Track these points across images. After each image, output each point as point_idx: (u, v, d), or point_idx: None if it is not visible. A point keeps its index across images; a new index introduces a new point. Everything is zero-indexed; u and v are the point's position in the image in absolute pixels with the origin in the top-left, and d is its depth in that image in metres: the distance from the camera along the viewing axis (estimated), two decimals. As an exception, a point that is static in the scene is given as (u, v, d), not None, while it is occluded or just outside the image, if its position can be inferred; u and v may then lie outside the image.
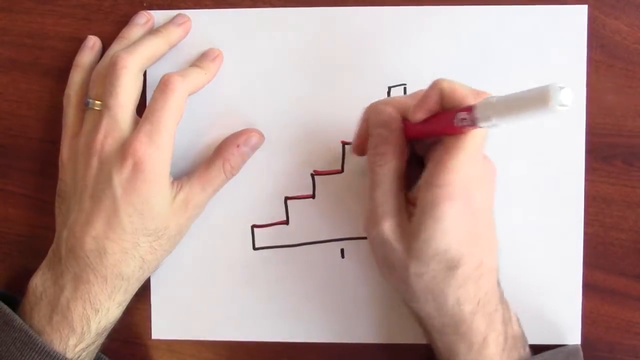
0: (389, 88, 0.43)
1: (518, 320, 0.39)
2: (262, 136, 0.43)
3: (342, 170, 0.43)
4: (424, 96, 0.34)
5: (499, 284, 0.37)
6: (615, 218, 0.43)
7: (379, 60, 0.43)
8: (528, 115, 0.28)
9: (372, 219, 0.36)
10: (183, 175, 0.42)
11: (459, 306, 0.35)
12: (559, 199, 0.43)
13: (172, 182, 0.41)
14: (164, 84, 0.39)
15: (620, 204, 0.43)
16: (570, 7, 0.42)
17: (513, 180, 0.43)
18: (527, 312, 0.43)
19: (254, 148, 0.43)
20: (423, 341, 0.43)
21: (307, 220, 0.44)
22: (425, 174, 0.34)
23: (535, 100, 0.27)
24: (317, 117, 0.43)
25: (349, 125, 0.43)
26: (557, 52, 0.42)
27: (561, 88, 0.26)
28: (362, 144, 0.38)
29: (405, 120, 0.36)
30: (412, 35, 0.43)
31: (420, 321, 0.38)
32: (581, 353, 0.42)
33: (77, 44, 0.44)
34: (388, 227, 0.35)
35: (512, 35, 0.42)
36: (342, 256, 0.44)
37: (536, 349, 0.43)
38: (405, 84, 0.43)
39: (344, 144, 0.43)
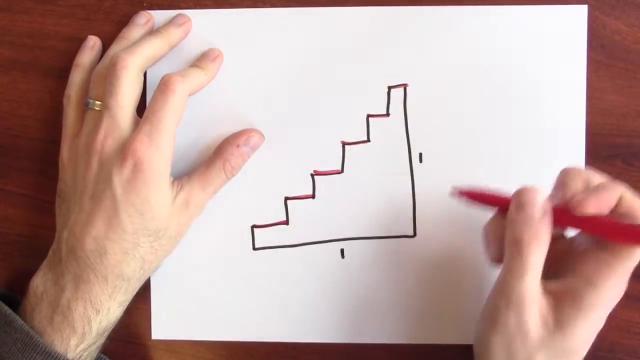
0: (389, 88, 0.43)
1: None
2: (262, 136, 0.43)
3: (342, 170, 0.43)
4: (602, 194, 0.34)
5: None
6: (615, 218, 0.43)
7: (379, 60, 0.43)
8: None
9: (515, 303, 0.34)
10: (183, 176, 0.42)
11: None
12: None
13: (173, 182, 0.41)
14: (164, 84, 0.39)
15: (620, 204, 0.43)
16: (570, 7, 0.42)
17: (513, 180, 0.43)
18: (527, 312, 0.43)
19: (254, 148, 0.43)
20: (422, 341, 0.43)
21: (307, 220, 0.44)
22: (584, 274, 0.35)
23: None
24: (317, 117, 0.43)
25: (349, 125, 0.43)
26: (557, 52, 0.42)
27: None
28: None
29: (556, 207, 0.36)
30: (412, 35, 0.43)
31: None
32: None
33: (77, 44, 0.44)
34: (533, 314, 0.34)
35: (512, 35, 0.42)
36: (342, 256, 0.44)
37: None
38: (405, 84, 0.43)
39: (344, 144, 0.43)
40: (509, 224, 0.36)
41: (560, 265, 0.37)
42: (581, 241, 0.37)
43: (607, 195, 0.34)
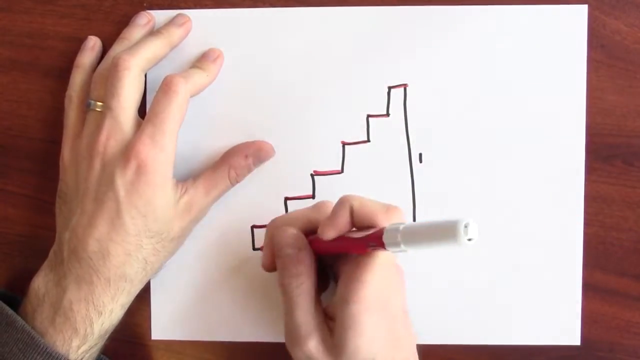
0: (389, 88, 0.43)
1: None
2: (272, 150, 0.43)
3: (342, 170, 0.43)
4: (334, 214, 0.35)
5: None
6: (615, 218, 0.43)
7: (379, 60, 0.43)
8: (435, 246, 0.29)
9: (295, 340, 0.35)
10: (188, 178, 0.42)
11: None
12: (559, 199, 0.43)
13: (177, 185, 0.41)
14: (167, 85, 0.39)
15: (620, 204, 0.43)
16: (570, 7, 0.42)
17: (513, 180, 0.43)
18: (527, 312, 0.43)
19: (262, 161, 0.43)
20: (422, 341, 0.43)
21: (307, 220, 0.44)
22: (340, 290, 0.35)
23: (443, 233, 0.28)
24: (317, 117, 0.43)
25: (349, 125, 0.43)
26: (557, 52, 0.42)
27: (467, 225, 0.27)
28: (271, 261, 0.38)
29: (310, 236, 0.37)
30: (412, 35, 0.43)
31: None
32: None
33: (77, 44, 0.43)
34: (313, 345, 0.35)
35: (512, 35, 0.42)
36: (342, 256, 0.44)
37: (536, 349, 0.43)
38: (405, 84, 0.43)
39: (344, 144, 0.43)
40: (276, 264, 0.37)
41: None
42: (344, 261, 0.37)
43: (338, 214, 0.34)
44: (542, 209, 0.43)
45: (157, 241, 0.40)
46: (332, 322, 0.36)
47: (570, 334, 0.43)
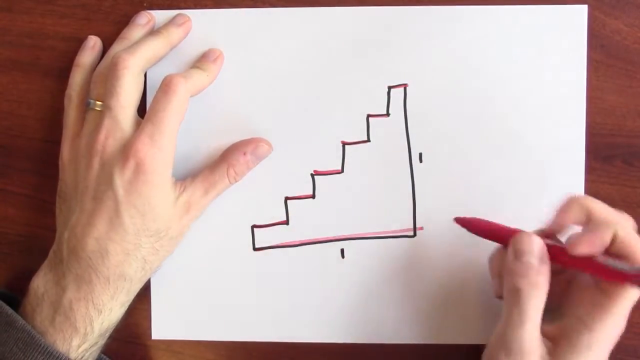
0: (389, 88, 0.43)
1: None
2: (270, 147, 0.43)
3: (342, 170, 0.43)
4: (595, 232, 0.34)
5: None
6: (615, 218, 0.43)
7: (379, 60, 0.43)
8: None
9: (514, 353, 0.34)
10: (187, 177, 0.42)
11: None
12: (559, 199, 0.42)
13: (175, 184, 0.41)
14: (167, 85, 0.39)
15: (620, 204, 0.43)
16: (570, 7, 0.42)
17: (513, 180, 0.43)
18: (527, 312, 0.43)
19: (261, 158, 0.43)
20: (423, 341, 0.43)
21: (307, 220, 0.44)
22: (579, 316, 0.35)
23: None
24: (317, 117, 0.43)
25: (349, 125, 0.43)
26: (557, 52, 0.42)
27: None
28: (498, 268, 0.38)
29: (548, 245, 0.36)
30: (412, 35, 0.43)
31: None
32: None
33: (77, 44, 0.44)
34: None
35: (512, 35, 0.42)
36: (342, 256, 0.44)
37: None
38: (405, 84, 0.43)
39: (344, 144, 0.43)
40: (506, 272, 0.36)
41: (560, 302, 0.37)
42: (580, 279, 0.37)
43: (600, 235, 0.34)
44: (542, 209, 0.43)
45: (156, 240, 0.40)
46: (548, 342, 0.35)
47: (570, 334, 0.43)
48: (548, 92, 0.43)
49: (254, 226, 0.44)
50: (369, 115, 0.43)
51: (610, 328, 0.34)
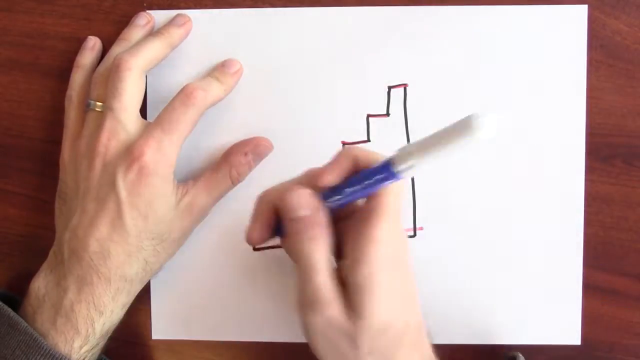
0: (389, 88, 0.43)
1: None
2: (270, 145, 0.43)
3: (342, 170, 0.43)
4: (335, 160, 0.34)
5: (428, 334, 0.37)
6: (615, 218, 0.43)
7: (379, 60, 0.43)
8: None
9: (313, 305, 0.33)
10: (189, 179, 0.42)
11: None
12: (559, 199, 0.43)
13: (177, 186, 0.40)
14: (187, 95, 0.39)
15: (620, 204, 0.43)
16: (570, 7, 0.42)
17: (513, 180, 0.43)
18: (527, 312, 0.43)
19: (262, 157, 0.43)
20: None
21: (307, 220, 0.44)
22: (350, 250, 0.34)
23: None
24: (317, 117, 0.43)
25: (349, 125, 0.43)
26: (557, 52, 0.42)
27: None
28: (265, 233, 0.36)
29: None
30: (412, 35, 0.43)
31: None
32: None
33: (77, 44, 0.43)
34: (336, 311, 0.33)
35: (512, 35, 0.42)
36: (342, 256, 0.44)
37: (536, 349, 0.43)
38: (405, 84, 0.43)
39: (344, 144, 0.43)
40: (285, 230, 0.35)
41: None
42: (350, 218, 0.35)
43: (341, 160, 0.34)
44: (542, 209, 0.43)
45: (158, 242, 0.40)
46: (343, 286, 0.34)
47: (570, 334, 0.43)
48: (548, 92, 0.43)
49: (254, 226, 0.44)
50: (369, 115, 0.43)
51: (377, 251, 0.32)
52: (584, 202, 0.43)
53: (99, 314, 0.39)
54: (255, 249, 0.44)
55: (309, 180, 0.35)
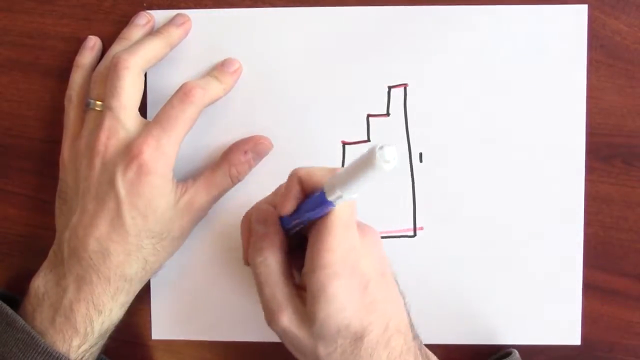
0: (389, 88, 0.43)
1: None
2: (270, 143, 0.43)
3: (342, 170, 0.43)
4: (287, 187, 0.35)
5: (415, 337, 0.37)
6: (615, 218, 0.43)
7: (379, 60, 0.43)
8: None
9: (269, 315, 0.36)
10: (188, 178, 0.41)
11: None
12: (559, 199, 0.43)
13: (177, 185, 0.40)
14: (185, 93, 0.39)
15: (620, 204, 0.43)
16: (570, 7, 0.42)
17: (513, 180, 0.43)
18: (527, 312, 0.43)
19: (262, 155, 0.43)
20: (422, 341, 0.43)
21: (307, 220, 0.44)
22: (307, 259, 0.34)
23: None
24: (317, 117, 0.43)
25: (349, 125, 0.43)
26: (557, 52, 0.42)
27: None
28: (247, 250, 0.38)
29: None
30: (412, 35, 0.43)
31: None
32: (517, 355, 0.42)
33: (77, 44, 0.43)
34: (286, 319, 0.35)
35: (512, 35, 0.42)
36: (342, 256, 0.44)
37: (536, 349, 0.43)
38: (405, 84, 0.43)
39: (344, 144, 0.43)
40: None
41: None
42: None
43: (290, 187, 0.34)
44: (542, 209, 0.43)
45: (158, 241, 0.40)
46: (305, 293, 0.35)
47: (570, 334, 0.43)
48: (548, 92, 0.43)
49: (254, 226, 0.44)
50: (369, 115, 0.43)
51: (332, 262, 0.33)
52: (584, 202, 0.43)
53: (98, 313, 0.39)
54: (255, 249, 0.44)
55: (276, 197, 0.37)
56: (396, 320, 0.36)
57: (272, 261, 0.35)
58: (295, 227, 0.36)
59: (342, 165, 0.43)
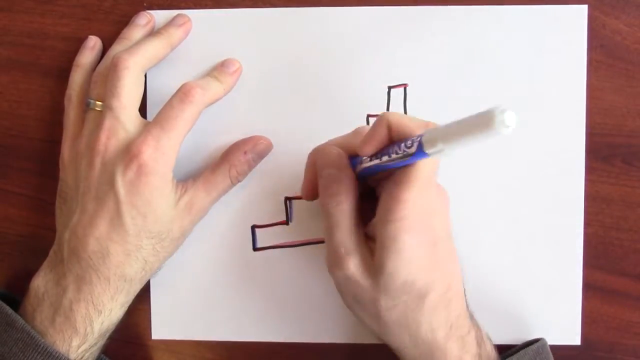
0: (389, 88, 0.43)
1: (490, 339, 0.39)
2: (270, 144, 0.43)
3: (342, 170, 0.43)
4: (372, 130, 0.34)
5: (468, 306, 0.37)
6: (615, 218, 0.43)
7: (379, 60, 0.43)
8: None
9: (335, 260, 0.35)
10: (188, 178, 0.42)
11: (432, 333, 0.35)
12: (559, 199, 0.43)
13: (177, 185, 0.40)
14: (184, 93, 0.39)
15: (620, 204, 0.43)
16: (570, 7, 0.42)
17: (513, 180, 0.43)
18: (527, 312, 0.43)
19: (262, 155, 0.43)
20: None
21: (307, 220, 0.44)
22: (379, 210, 0.34)
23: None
24: (317, 117, 0.43)
25: (349, 125, 0.43)
26: (557, 52, 0.42)
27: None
28: (312, 188, 0.38)
29: (353, 157, 0.36)
30: (412, 35, 0.43)
31: (395, 352, 0.38)
32: (548, 347, 0.42)
33: (77, 44, 0.44)
34: (353, 265, 0.35)
35: (512, 35, 0.42)
36: (342, 256, 0.44)
37: (536, 349, 0.43)
38: (405, 84, 0.43)
39: (344, 144, 0.43)
40: (318, 187, 0.37)
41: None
42: (384, 180, 0.36)
43: (376, 130, 0.34)
44: (542, 208, 0.43)
45: (157, 242, 0.40)
46: (373, 244, 0.35)
47: (570, 334, 0.43)
48: (548, 92, 0.43)
49: (254, 226, 0.44)
50: (369, 115, 0.43)
51: (407, 216, 0.33)
52: (584, 202, 0.43)
53: (97, 313, 0.39)
54: (255, 249, 0.44)
55: (355, 139, 0.36)
56: (456, 284, 0.36)
57: (346, 206, 0.35)
58: (362, 174, 0.36)
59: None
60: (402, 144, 0.32)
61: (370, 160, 0.35)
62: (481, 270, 0.43)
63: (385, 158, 0.34)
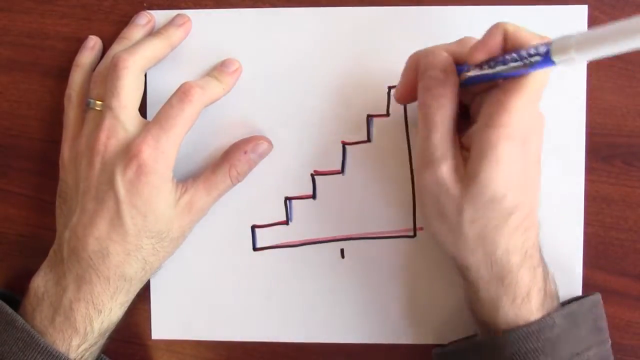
0: (389, 88, 0.43)
1: (554, 278, 0.38)
2: (270, 144, 0.43)
3: (342, 170, 0.43)
4: (486, 37, 0.34)
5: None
6: (615, 218, 0.43)
7: (379, 60, 0.43)
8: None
9: (428, 162, 0.35)
10: (188, 178, 0.42)
11: (507, 256, 0.35)
12: (559, 199, 0.43)
13: (177, 185, 0.40)
14: (184, 93, 0.39)
15: (620, 204, 0.43)
16: (570, 7, 0.42)
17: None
18: (527, 312, 0.43)
19: (262, 156, 0.43)
20: (422, 341, 0.43)
21: (307, 220, 0.44)
22: (482, 117, 0.34)
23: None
24: (317, 117, 0.43)
25: (349, 125, 0.43)
26: (557, 52, 0.42)
27: None
28: (409, 91, 0.37)
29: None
30: (412, 35, 0.43)
31: (464, 272, 0.37)
32: (602, 303, 0.41)
33: (77, 44, 0.44)
34: (446, 169, 0.34)
35: (512, 35, 0.42)
36: (342, 256, 0.44)
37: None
38: (405, 84, 0.43)
39: (344, 144, 0.43)
40: (418, 86, 0.36)
41: (474, 112, 0.36)
42: (486, 87, 0.36)
43: (491, 36, 0.33)
44: (542, 208, 0.43)
45: (157, 241, 0.40)
46: (467, 153, 0.35)
47: (570, 334, 0.43)
48: (548, 92, 0.42)
49: (254, 226, 0.44)
50: (369, 115, 0.43)
51: (510, 124, 0.33)
52: (584, 202, 0.43)
53: (97, 312, 0.39)
54: (255, 249, 0.44)
55: (460, 48, 0.36)
56: (536, 213, 0.36)
57: (449, 109, 0.34)
58: (466, 82, 0.35)
59: (342, 165, 0.43)
60: (524, 52, 0.31)
61: (481, 69, 0.34)
62: (481, 270, 0.43)
63: (500, 67, 0.33)
